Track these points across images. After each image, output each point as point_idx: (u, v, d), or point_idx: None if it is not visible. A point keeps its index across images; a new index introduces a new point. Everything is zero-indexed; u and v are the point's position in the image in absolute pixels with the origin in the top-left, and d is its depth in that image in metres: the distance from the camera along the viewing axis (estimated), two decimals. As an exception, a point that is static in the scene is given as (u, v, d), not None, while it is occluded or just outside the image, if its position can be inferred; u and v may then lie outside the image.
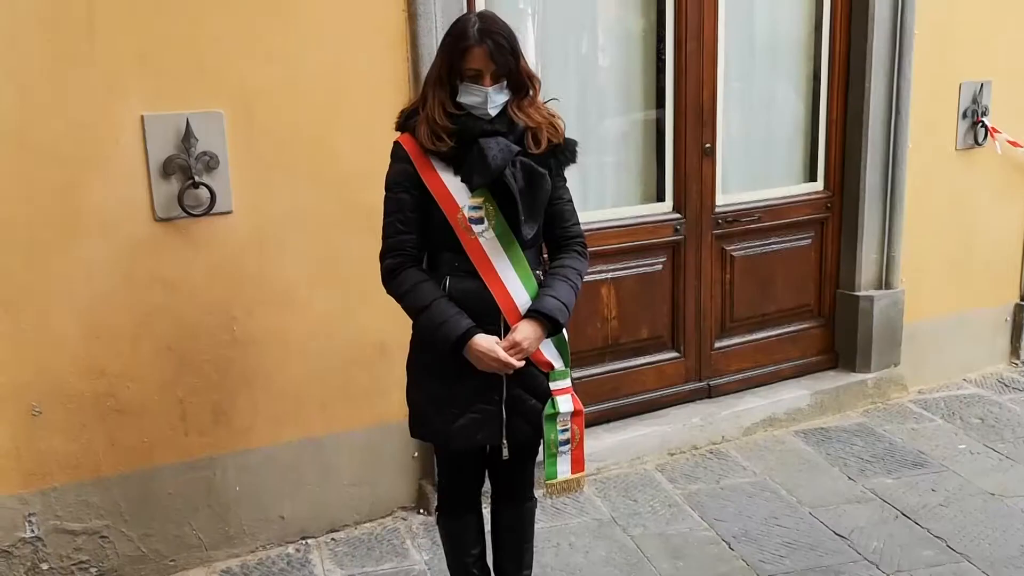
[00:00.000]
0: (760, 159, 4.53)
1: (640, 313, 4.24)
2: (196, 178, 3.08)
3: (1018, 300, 5.22)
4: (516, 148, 2.47)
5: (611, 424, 4.19)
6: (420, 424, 2.64)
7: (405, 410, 2.68)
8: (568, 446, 2.62)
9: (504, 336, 2.50)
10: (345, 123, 3.32)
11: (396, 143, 2.57)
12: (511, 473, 2.75)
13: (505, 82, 2.48)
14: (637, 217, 4.18)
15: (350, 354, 3.47)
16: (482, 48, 2.41)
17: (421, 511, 3.69)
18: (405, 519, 3.67)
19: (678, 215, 4.25)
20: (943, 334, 4.95)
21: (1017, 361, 5.25)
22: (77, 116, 2.93)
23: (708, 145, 4.23)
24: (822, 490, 3.87)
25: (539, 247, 2.65)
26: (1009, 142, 4.87)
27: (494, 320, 2.51)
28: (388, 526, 3.63)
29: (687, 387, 4.42)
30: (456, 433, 2.55)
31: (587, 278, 2.70)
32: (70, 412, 3.07)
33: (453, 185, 2.49)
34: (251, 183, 3.21)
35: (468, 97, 2.47)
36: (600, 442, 4.02)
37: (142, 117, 3.01)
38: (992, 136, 4.82)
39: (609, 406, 4.20)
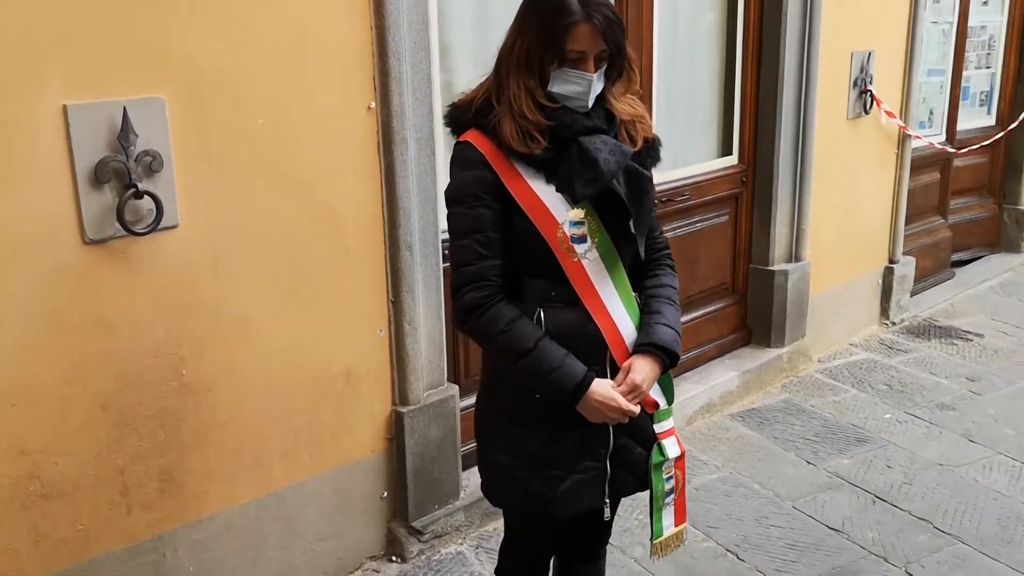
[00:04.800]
0: (683, 135, 4.29)
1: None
2: (138, 185, 2.35)
3: (887, 263, 5.39)
4: (629, 150, 2.02)
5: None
6: (510, 491, 2.14)
7: (373, 445, 2.20)
8: (672, 495, 2.25)
9: (611, 376, 2.07)
10: (304, 107, 2.68)
11: (464, 144, 2.02)
12: (597, 531, 2.33)
13: (605, 66, 2.01)
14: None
15: (314, 388, 2.87)
16: (590, 24, 1.92)
17: (393, 559, 3.16)
18: (377, 572, 3.13)
19: (618, 197, 3.92)
20: (834, 303, 5.01)
21: (887, 321, 5.44)
22: (-18, 109, 2.12)
23: (646, 121, 3.93)
24: (790, 479, 3.75)
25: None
26: (887, 112, 4.96)
27: (598, 358, 2.06)
28: (359, 582, 3.09)
29: (624, 379, 4.14)
30: (561, 499, 2.09)
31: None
32: (-19, 508, 2.28)
33: (548, 196, 2.00)
34: (200, 187, 2.51)
35: (566, 86, 1.98)
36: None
37: (64, 107, 2.23)
38: (878, 105, 4.88)
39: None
